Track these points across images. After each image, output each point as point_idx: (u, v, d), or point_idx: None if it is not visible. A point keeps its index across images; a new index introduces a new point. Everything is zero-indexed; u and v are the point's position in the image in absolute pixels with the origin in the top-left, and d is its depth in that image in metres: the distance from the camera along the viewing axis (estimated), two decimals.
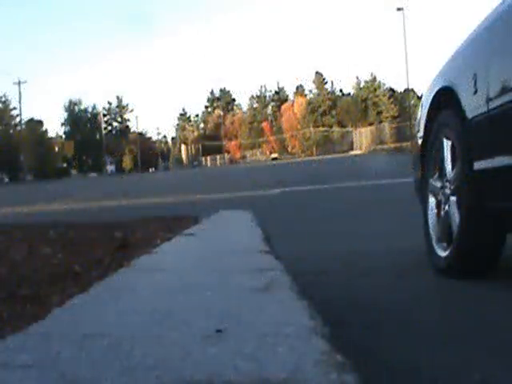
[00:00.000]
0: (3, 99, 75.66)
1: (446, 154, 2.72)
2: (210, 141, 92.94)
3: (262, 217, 4.63)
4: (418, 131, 3.15)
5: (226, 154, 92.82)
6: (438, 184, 2.82)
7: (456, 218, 2.54)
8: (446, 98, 2.72)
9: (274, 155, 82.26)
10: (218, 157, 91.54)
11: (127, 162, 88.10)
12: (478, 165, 2.35)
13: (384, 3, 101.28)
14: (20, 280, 2.30)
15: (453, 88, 2.62)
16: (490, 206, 2.34)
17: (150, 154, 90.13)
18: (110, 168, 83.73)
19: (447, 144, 2.71)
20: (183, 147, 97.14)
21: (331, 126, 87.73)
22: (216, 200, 7.81)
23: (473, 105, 2.42)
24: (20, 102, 69.07)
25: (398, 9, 46.04)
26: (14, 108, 75.46)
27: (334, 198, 8.52)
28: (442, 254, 2.68)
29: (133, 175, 56.32)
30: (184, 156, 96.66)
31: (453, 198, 2.60)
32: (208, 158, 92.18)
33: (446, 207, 2.69)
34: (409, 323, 2.02)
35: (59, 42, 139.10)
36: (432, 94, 2.91)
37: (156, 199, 9.38)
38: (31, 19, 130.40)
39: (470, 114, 2.43)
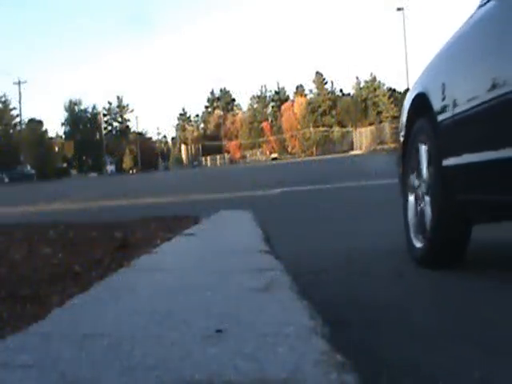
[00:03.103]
0: (3, 99, 75.61)
1: (422, 156, 2.98)
2: (210, 141, 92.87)
3: (262, 217, 4.63)
4: (401, 131, 3.39)
5: (226, 154, 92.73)
6: (416, 183, 3.05)
7: (428, 214, 2.80)
8: (421, 102, 2.98)
9: (274, 155, 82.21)
10: (218, 157, 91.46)
11: (127, 162, 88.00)
12: (447, 162, 2.62)
13: (384, 3, 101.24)
14: (20, 280, 2.30)
15: (427, 94, 2.90)
16: (458, 198, 2.59)
17: (150, 154, 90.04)
18: (110, 168, 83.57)
19: (423, 147, 2.96)
20: (183, 147, 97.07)
21: (331, 126, 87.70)
22: (216, 200, 7.80)
23: (441, 109, 2.71)
24: (20, 102, 68.93)
25: (398, 9, 46.02)
26: (14, 108, 75.42)
27: (334, 198, 8.51)
28: (418, 245, 2.94)
29: (132, 175, 56.31)
30: (184, 156, 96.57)
31: (427, 198, 2.87)
32: (208, 158, 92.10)
33: (422, 204, 2.95)
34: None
35: (59, 42, 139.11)
36: (411, 99, 3.20)
37: (156, 199, 9.36)
38: (31, 19, 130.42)
39: (439, 118, 2.72)
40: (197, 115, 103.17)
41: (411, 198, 3.13)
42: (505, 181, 2.24)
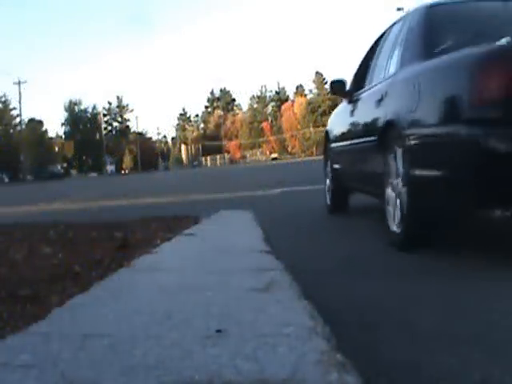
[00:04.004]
0: (3, 99, 75.60)
1: (328, 160, 5.56)
2: (210, 141, 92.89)
3: (262, 217, 4.63)
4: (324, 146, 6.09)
5: (226, 154, 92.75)
6: (327, 172, 5.61)
7: (331, 188, 5.40)
8: (327, 134, 5.66)
9: (274, 155, 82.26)
10: (218, 157, 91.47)
11: (127, 162, 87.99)
12: (334, 166, 5.19)
13: (384, 3, 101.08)
14: (20, 280, 2.30)
15: (328, 131, 5.61)
16: (340, 182, 5.06)
17: (150, 154, 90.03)
18: (110, 168, 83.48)
19: (328, 156, 5.54)
20: (183, 147, 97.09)
21: None
22: (216, 200, 7.80)
23: (330, 142, 5.36)
24: (20, 102, 68.77)
25: (398, 9, 45.91)
26: (14, 108, 75.38)
27: None
28: (328, 203, 5.49)
29: (124, 176, 56.23)
30: (184, 156, 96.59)
31: (330, 181, 5.49)
32: (208, 158, 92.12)
33: (330, 184, 5.45)
34: None
35: (59, 42, 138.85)
36: (325, 131, 5.85)
37: (156, 199, 9.36)
38: (31, 19, 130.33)
39: (331, 145, 5.29)
40: (197, 115, 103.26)
41: (327, 180, 5.58)
42: (346, 177, 4.84)
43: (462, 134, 2.51)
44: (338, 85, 4.93)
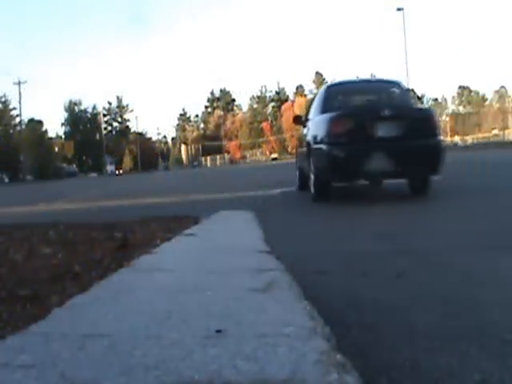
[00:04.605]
0: (3, 99, 75.51)
1: (298, 159, 8.94)
2: (210, 141, 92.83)
3: (261, 217, 4.63)
4: (297, 149, 9.71)
5: (226, 154, 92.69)
6: (297, 166, 8.67)
7: (297, 176, 8.53)
8: (296, 145, 10.83)
9: (274, 155, 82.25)
10: (218, 157, 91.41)
11: (127, 162, 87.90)
12: (299, 163, 8.36)
13: (384, 3, 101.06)
14: (20, 280, 2.30)
15: (296, 143, 10.91)
16: (303, 174, 7.72)
17: (149, 154, 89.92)
18: (110, 168, 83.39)
19: (297, 157, 9.36)
20: (183, 147, 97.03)
21: None
22: (216, 200, 7.80)
23: (298, 148, 9.33)
24: (20, 102, 68.53)
25: (398, 9, 45.96)
26: (14, 108, 75.24)
27: (333, 197, 8.49)
28: (297, 185, 8.38)
29: (131, 175, 56.24)
30: (184, 156, 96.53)
31: (298, 171, 8.57)
32: (208, 158, 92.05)
33: (298, 173, 8.42)
34: None
35: (59, 42, 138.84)
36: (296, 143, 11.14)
37: (156, 199, 9.36)
38: (31, 19, 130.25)
39: (298, 150, 9.16)
40: (197, 115, 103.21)
41: (297, 172, 8.46)
42: (302, 168, 7.68)
43: (325, 149, 5.85)
44: (297, 118, 8.34)
